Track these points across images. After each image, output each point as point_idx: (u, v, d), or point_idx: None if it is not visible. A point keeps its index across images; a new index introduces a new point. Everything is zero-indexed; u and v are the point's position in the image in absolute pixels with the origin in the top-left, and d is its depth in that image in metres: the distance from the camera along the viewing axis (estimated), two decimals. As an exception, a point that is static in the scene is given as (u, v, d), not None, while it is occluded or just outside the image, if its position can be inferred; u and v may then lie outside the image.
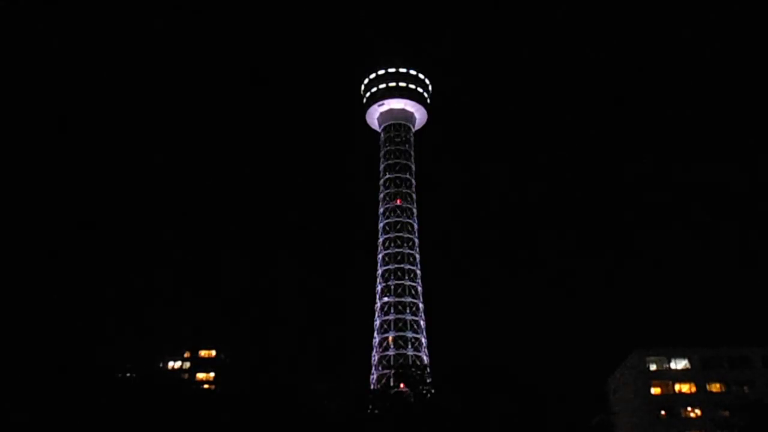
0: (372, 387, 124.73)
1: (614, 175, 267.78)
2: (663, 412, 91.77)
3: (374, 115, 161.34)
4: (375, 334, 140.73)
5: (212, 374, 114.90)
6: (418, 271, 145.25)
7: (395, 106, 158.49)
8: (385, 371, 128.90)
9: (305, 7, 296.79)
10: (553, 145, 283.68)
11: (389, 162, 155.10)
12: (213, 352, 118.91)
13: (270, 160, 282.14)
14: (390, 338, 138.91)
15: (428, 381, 71.61)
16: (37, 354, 58.29)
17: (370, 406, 70.85)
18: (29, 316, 63.69)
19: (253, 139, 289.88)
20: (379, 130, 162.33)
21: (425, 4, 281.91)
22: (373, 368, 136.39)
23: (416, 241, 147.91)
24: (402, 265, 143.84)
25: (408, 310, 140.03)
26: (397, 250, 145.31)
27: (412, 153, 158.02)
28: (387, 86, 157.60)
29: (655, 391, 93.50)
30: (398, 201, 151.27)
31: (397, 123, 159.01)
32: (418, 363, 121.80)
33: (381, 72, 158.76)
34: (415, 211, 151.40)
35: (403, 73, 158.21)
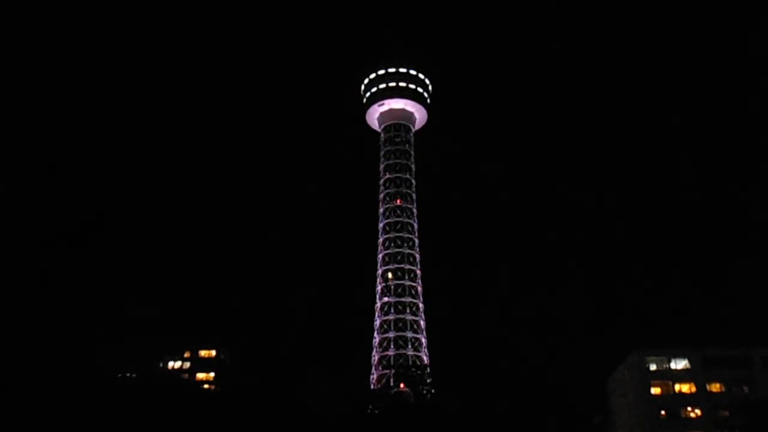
0: (372, 387, 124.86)
1: (614, 175, 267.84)
2: (663, 412, 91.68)
3: (374, 115, 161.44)
4: (375, 334, 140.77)
5: (212, 374, 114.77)
6: (418, 271, 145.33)
7: (395, 106, 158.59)
8: (385, 371, 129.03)
9: (305, 7, 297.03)
10: (554, 145, 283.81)
11: (389, 162, 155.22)
12: (213, 352, 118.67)
13: (269, 160, 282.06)
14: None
15: (428, 381, 71.74)
16: (38, 354, 58.35)
17: (370, 406, 70.95)
18: (30, 316, 63.75)
19: (252, 139, 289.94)
20: (379, 130, 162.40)
21: (426, 4, 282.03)
22: (373, 368, 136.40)
23: (416, 241, 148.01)
24: (402, 265, 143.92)
25: (408, 310, 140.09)
26: (397, 250, 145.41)
27: (412, 153, 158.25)
28: (387, 86, 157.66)
29: (655, 391, 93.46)
30: (398, 201, 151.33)
31: (397, 123, 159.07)
32: (418, 363, 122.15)
33: (381, 72, 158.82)
34: (415, 211, 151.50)
35: (403, 73, 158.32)
